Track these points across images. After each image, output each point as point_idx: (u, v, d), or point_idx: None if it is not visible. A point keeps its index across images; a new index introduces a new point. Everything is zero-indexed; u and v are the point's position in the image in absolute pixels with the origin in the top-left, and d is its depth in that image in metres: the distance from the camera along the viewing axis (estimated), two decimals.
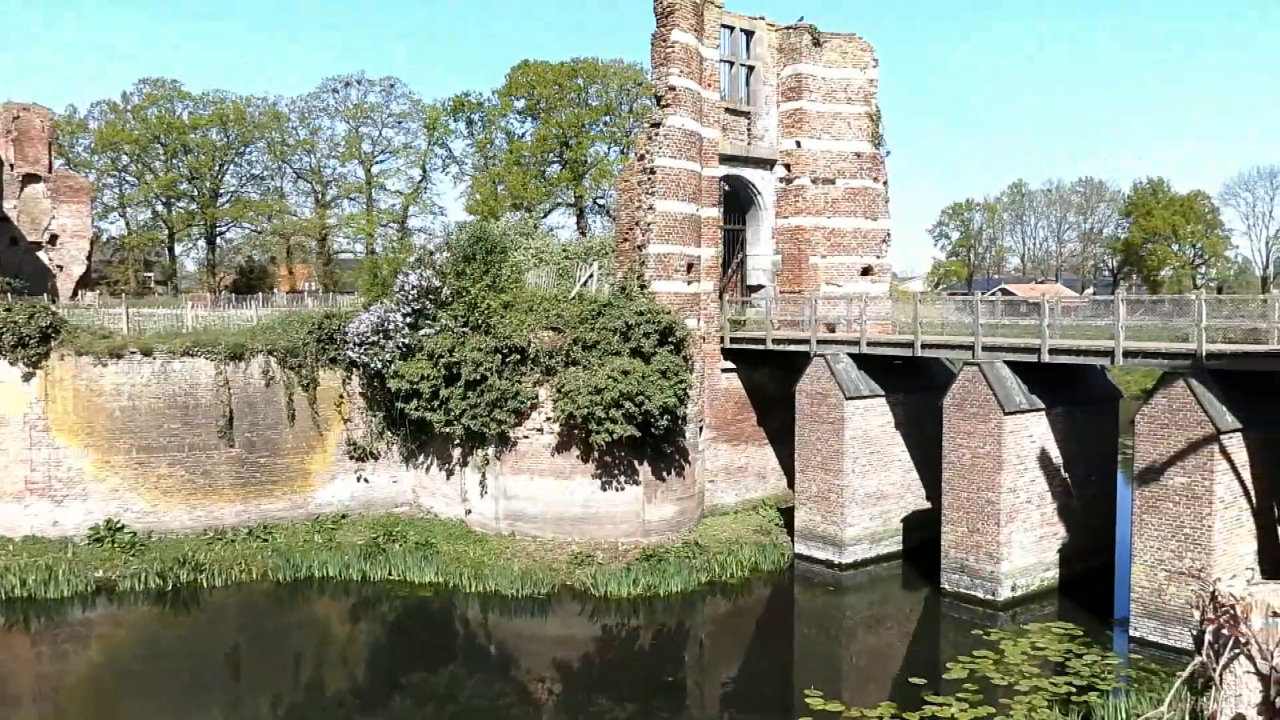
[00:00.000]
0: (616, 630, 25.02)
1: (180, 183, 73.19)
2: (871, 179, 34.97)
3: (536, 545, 28.71)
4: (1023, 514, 25.85)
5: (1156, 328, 24.78)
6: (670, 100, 29.48)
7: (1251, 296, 32.78)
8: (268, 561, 28.40)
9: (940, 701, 19.40)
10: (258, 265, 77.61)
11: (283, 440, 30.63)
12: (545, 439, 28.92)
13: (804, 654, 24.53)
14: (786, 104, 34.14)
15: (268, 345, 30.44)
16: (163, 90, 72.36)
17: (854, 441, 28.86)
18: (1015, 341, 26.23)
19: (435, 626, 25.30)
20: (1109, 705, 18.44)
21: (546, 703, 21.06)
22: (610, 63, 70.69)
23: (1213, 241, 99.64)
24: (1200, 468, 21.54)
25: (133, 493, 29.07)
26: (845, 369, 29.01)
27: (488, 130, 75.18)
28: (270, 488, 30.41)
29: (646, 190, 29.41)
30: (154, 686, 21.50)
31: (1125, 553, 24.54)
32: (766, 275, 34.65)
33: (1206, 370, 21.94)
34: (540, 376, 28.72)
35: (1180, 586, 21.86)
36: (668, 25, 29.50)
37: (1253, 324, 23.27)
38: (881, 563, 29.55)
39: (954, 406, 26.28)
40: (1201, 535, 21.57)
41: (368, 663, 23.47)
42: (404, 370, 28.99)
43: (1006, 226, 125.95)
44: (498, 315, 28.85)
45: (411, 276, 29.24)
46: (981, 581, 25.76)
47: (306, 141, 75.97)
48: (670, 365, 27.75)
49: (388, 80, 75.95)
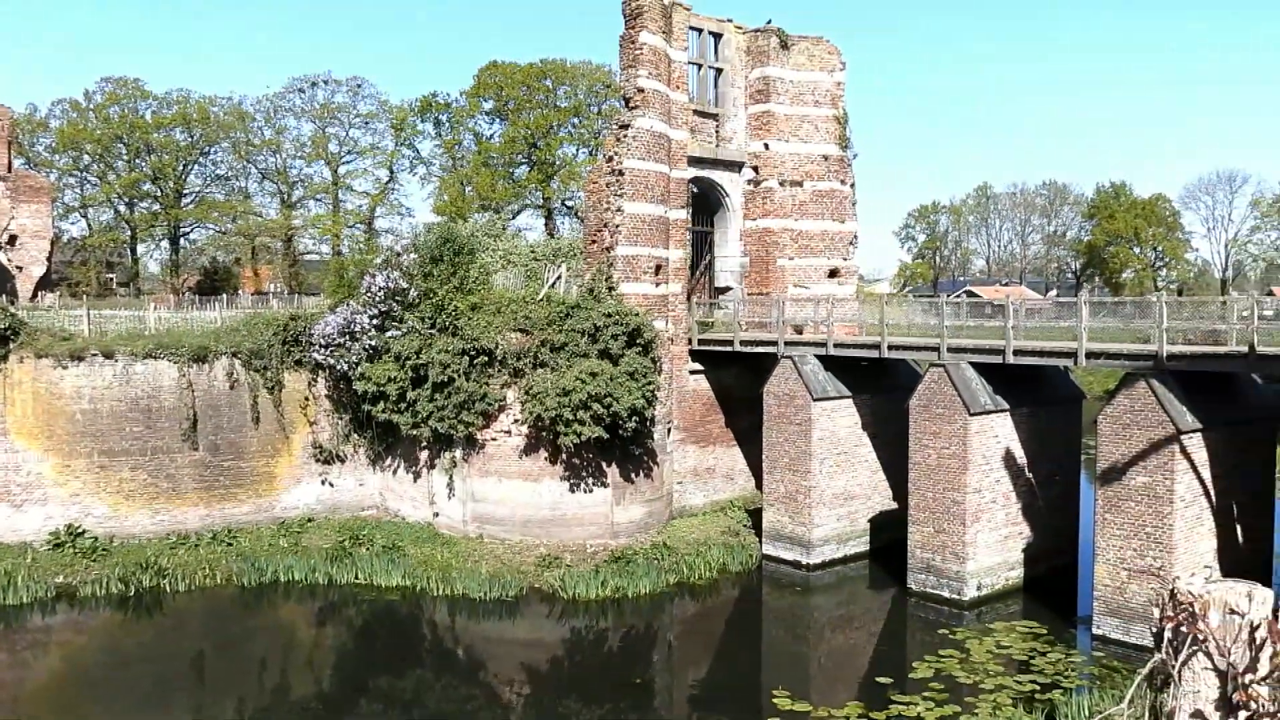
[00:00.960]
0: (585, 632, 24.98)
1: (143, 183, 72.26)
2: (839, 181, 35.17)
3: (504, 548, 28.62)
4: (988, 514, 26.08)
5: (1118, 329, 25.12)
6: (639, 102, 29.50)
7: (1211, 298, 33.27)
8: (232, 566, 28.11)
9: (906, 701, 19.53)
10: (222, 266, 76.65)
11: (247, 443, 30.34)
12: (513, 441, 28.83)
13: (772, 654, 24.60)
14: (754, 106, 34.27)
15: (232, 347, 30.14)
16: (125, 89, 71.41)
17: (821, 442, 28.99)
18: (980, 343, 26.47)
19: (402, 630, 25.14)
20: (1072, 703, 18.66)
21: (514, 705, 20.99)
22: (579, 64, 70.60)
23: (1173, 244, 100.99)
24: (1161, 467, 21.84)
25: (94, 497, 28.67)
26: (813, 370, 29.14)
27: (455, 131, 74.83)
28: (235, 491, 30.11)
29: (615, 192, 29.42)
30: (116, 693, 21.20)
31: (1088, 551, 24.83)
32: (734, 277, 34.75)
33: (1167, 371, 22.24)
34: (508, 378, 28.64)
35: (1142, 584, 22.15)
36: (636, 27, 29.52)
37: (1212, 325, 23.64)
38: (849, 563, 29.71)
39: (920, 407, 26.47)
40: (1162, 534, 21.87)
41: (334, 667, 23.28)
42: (371, 372, 28.82)
43: (972, 229, 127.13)
44: (465, 317, 28.73)
45: (378, 278, 29.07)
46: (947, 581, 25.96)
47: (272, 141, 75.26)
48: (638, 367, 27.76)
49: (354, 80, 75.39)
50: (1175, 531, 21.74)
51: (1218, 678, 3.39)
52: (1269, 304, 27.64)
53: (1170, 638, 3.45)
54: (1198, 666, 3.38)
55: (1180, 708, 3.50)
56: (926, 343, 27.71)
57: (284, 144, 75.83)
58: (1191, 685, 3.44)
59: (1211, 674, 3.39)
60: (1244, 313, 22.31)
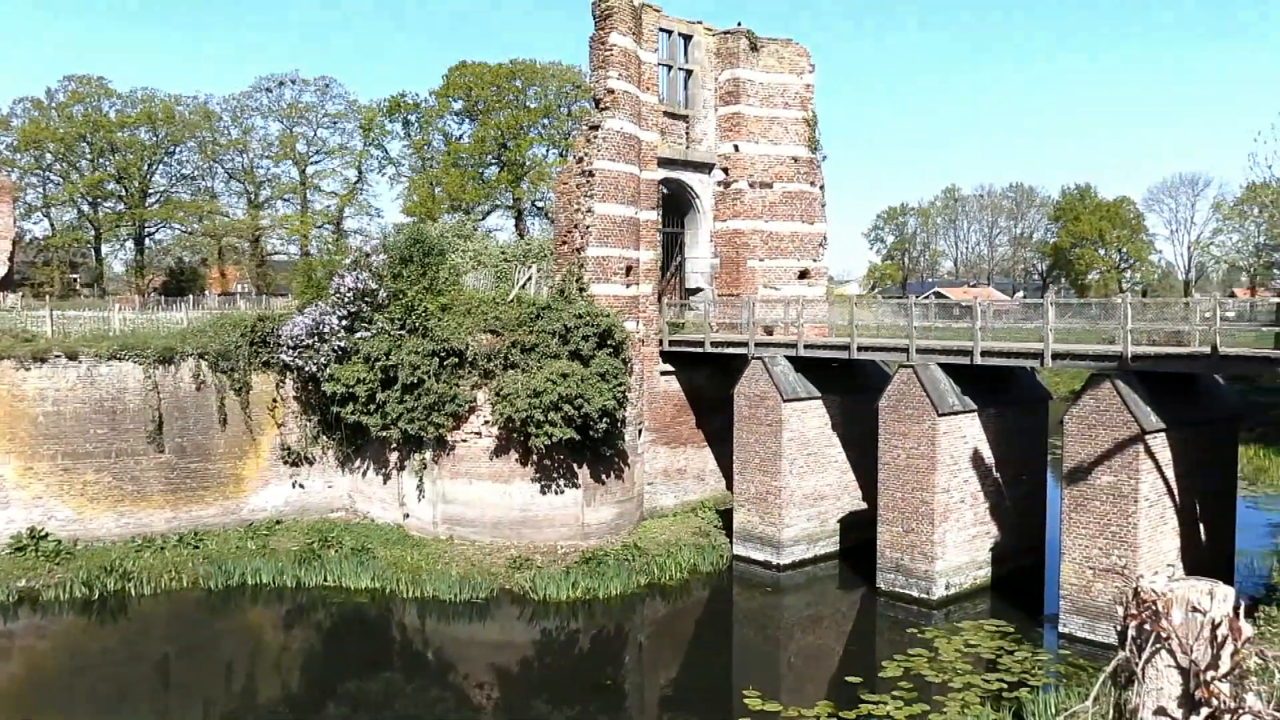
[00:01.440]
0: (555, 633, 24.95)
1: (107, 182, 71.31)
2: (808, 183, 35.33)
3: (475, 549, 28.53)
4: (956, 513, 26.29)
5: (1084, 330, 25.43)
6: (609, 103, 29.50)
7: (1174, 300, 33.72)
8: (199, 569, 27.84)
9: (876, 700, 19.65)
10: (188, 267, 75.83)
11: (214, 445, 30.06)
12: (484, 442, 28.75)
13: (742, 655, 24.67)
14: (724, 108, 34.36)
15: (199, 348, 29.85)
16: (89, 87, 70.46)
17: (792, 443, 29.11)
18: (948, 344, 26.68)
19: (372, 632, 25.00)
20: (1039, 700, 18.84)
21: (485, 707, 20.93)
22: (549, 64, 70.46)
23: (1137, 246, 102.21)
24: (1126, 467, 22.09)
25: (57, 500, 28.28)
26: (783, 371, 29.25)
27: (425, 131, 74.43)
28: (201, 494, 29.82)
29: (585, 193, 29.40)
30: (79, 699, 20.93)
31: (1055, 551, 25.08)
32: (705, 278, 34.82)
33: (1132, 372, 22.51)
34: (478, 379, 28.55)
35: (1107, 583, 22.39)
36: (606, 28, 29.52)
37: (1175, 327, 23.96)
38: (819, 563, 29.85)
39: (889, 408, 26.64)
40: (1127, 533, 22.12)
41: (302, 670, 23.12)
42: (340, 373, 28.64)
43: (940, 231, 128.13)
44: (435, 318, 28.62)
45: (347, 279, 28.89)
46: (916, 580, 26.14)
47: (239, 141, 74.52)
48: (609, 368, 27.76)
49: (323, 80, 74.79)
50: (1140, 530, 22.00)
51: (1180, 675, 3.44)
52: (1231, 305, 28.05)
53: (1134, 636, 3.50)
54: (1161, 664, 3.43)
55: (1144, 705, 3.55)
56: (895, 344, 27.89)
57: (251, 144, 75.12)
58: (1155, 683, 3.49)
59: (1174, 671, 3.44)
60: (1206, 314, 22.63)
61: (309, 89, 74.48)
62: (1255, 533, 30.81)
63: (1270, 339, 23.21)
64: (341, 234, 73.69)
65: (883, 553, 26.96)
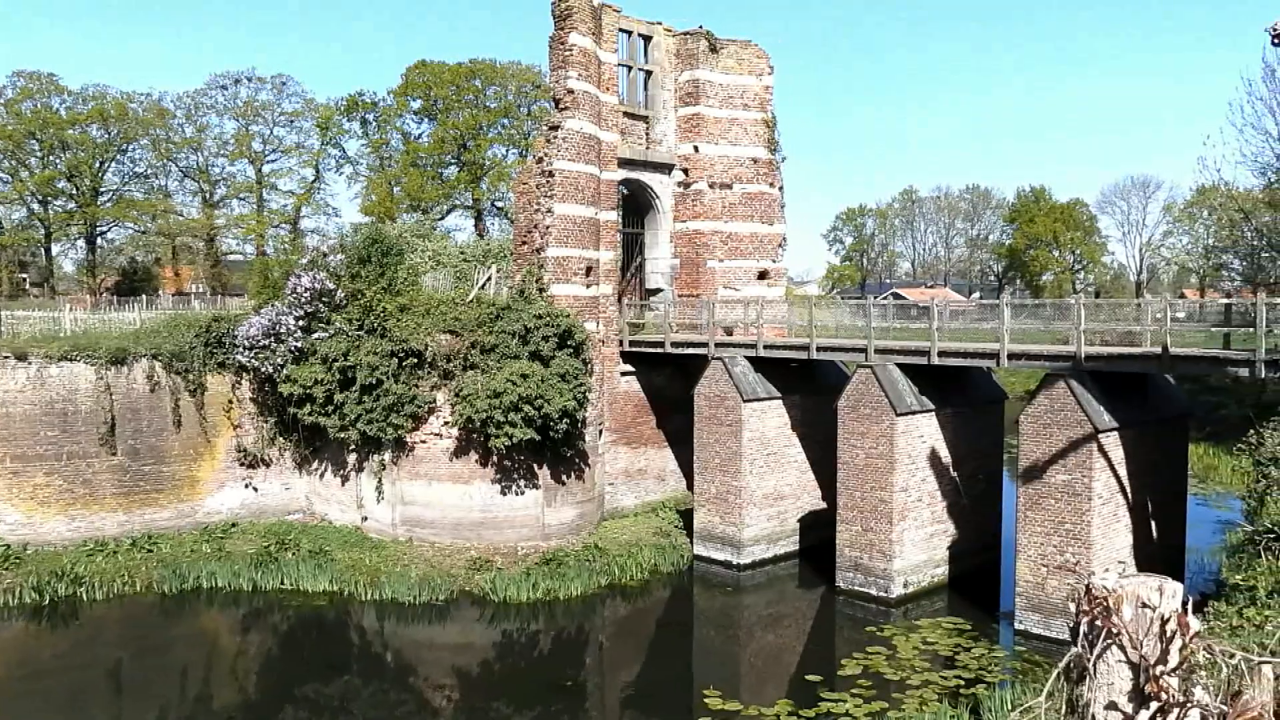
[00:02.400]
0: (516, 635, 24.87)
1: (58, 180, 70.06)
2: (767, 184, 35.50)
3: (434, 551, 28.36)
4: (914, 512, 26.53)
5: (1039, 331, 25.75)
6: (569, 103, 29.46)
7: (1126, 301, 34.24)
8: (152, 573, 27.42)
9: (835, 698, 19.78)
10: (141, 267, 74.74)
11: (168, 447, 29.63)
12: (443, 443, 28.59)
13: (703, 654, 24.74)
14: (684, 109, 34.44)
15: (152, 349, 29.40)
16: (38, 84, 69.19)
17: (752, 443, 29.23)
18: (906, 344, 26.93)
19: (330, 636, 24.78)
20: (995, 697, 19.06)
21: (444, 710, 20.82)
22: (508, 64, 70.28)
23: (1090, 248, 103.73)
24: (1080, 465, 22.42)
25: (6, 504, 27.72)
26: (743, 372, 29.37)
27: (383, 131, 73.96)
28: (155, 496, 29.38)
29: (545, 193, 29.34)
30: (29, 706, 20.52)
31: (1010, 548, 25.39)
32: (665, 278, 34.88)
33: (1085, 372, 22.85)
34: (438, 380, 28.40)
35: (1061, 580, 22.71)
36: (565, 28, 29.48)
37: (1127, 327, 24.35)
38: (779, 563, 30.00)
39: (848, 408, 26.83)
40: (1081, 530, 22.45)
41: (259, 675, 22.85)
42: (297, 374, 28.36)
43: (898, 232, 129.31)
44: (394, 318, 28.43)
45: (304, 279, 28.61)
46: (875, 579, 26.35)
47: (193, 139, 73.55)
48: (569, 368, 27.72)
49: (279, 78, 74.09)
50: (1093, 528, 22.34)
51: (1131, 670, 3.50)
52: (1181, 306, 28.55)
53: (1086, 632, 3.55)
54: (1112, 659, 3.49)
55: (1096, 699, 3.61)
56: (854, 344, 28.11)
57: (206, 142, 74.21)
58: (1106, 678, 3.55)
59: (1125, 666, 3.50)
60: (1157, 315, 23.03)
61: (265, 87, 73.74)
62: (1205, 529, 31.39)
63: (1219, 339, 23.64)
64: (298, 233, 72.99)
65: (842, 552, 27.15)
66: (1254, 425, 25.78)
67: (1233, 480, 36.72)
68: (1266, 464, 25.00)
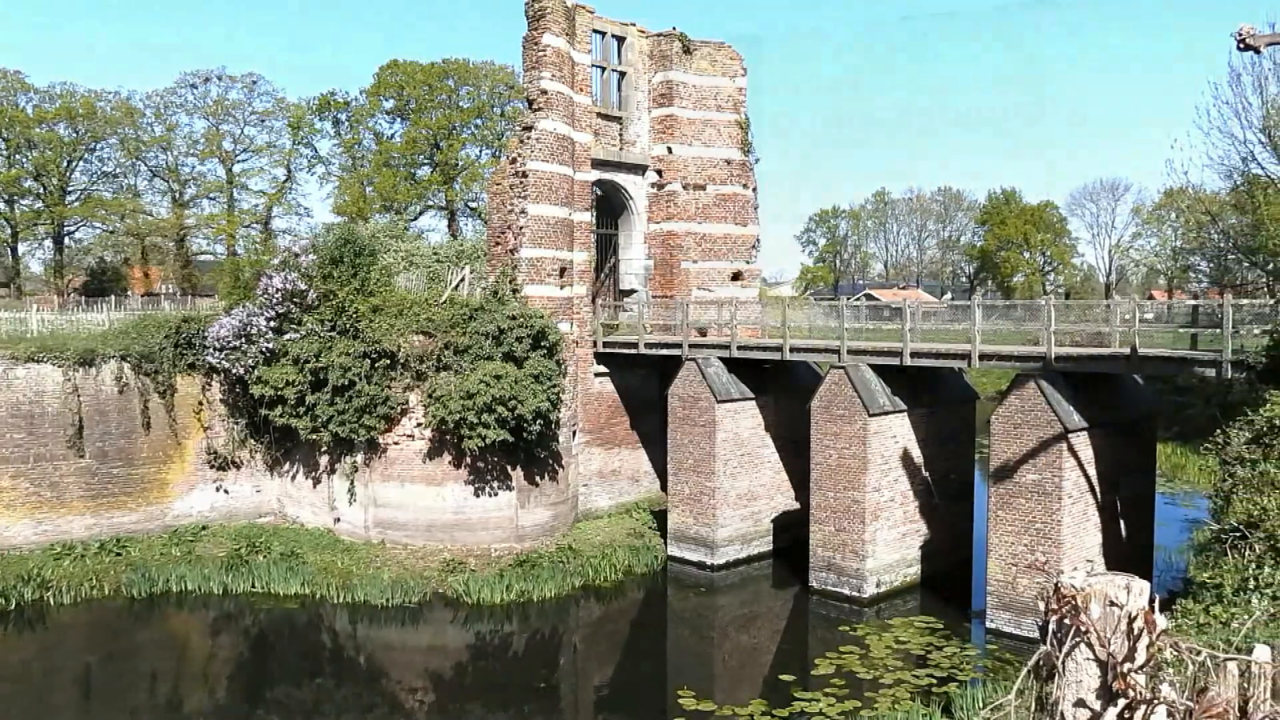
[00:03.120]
0: (490, 637, 24.80)
1: (24, 179, 69.16)
2: (741, 185, 35.58)
3: (407, 553, 28.22)
4: (887, 512, 26.67)
5: (1010, 332, 25.97)
6: (542, 104, 29.42)
7: (1096, 302, 34.59)
8: (121, 576, 27.13)
9: (809, 697, 19.86)
10: (110, 267, 73.91)
11: (137, 450, 29.31)
12: (416, 445, 28.46)
13: (677, 655, 24.76)
14: (658, 110, 34.46)
15: (121, 350, 29.08)
16: (4, 81, 68.27)
17: (725, 444, 29.28)
18: (879, 345, 27.07)
19: (301, 639, 24.61)
20: (967, 695, 19.20)
21: (417, 713, 20.72)
22: (481, 64, 70.04)
23: (1060, 249, 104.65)
24: (1050, 465, 22.62)
25: None
26: (716, 372, 29.42)
27: (355, 130, 73.50)
28: (124, 499, 29.05)
29: (519, 194, 29.29)
30: None
31: (982, 548, 25.56)
32: (639, 279, 34.89)
33: (1056, 372, 23.06)
34: (411, 381, 28.26)
35: (1032, 579, 22.90)
36: (539, 29, 29.44)
37: (1097, 328, 24.61)
38: (752, 563, 30.07)
39: (821, 409, 26.94)
40: (1051, 529, 22.65)
41: (229, 679, 22.66)
42: (268, 376, 28.14)
43: (870, 233, 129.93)
44: (366, 319, 28.27)
45: (276, 279, 28.40)
46: (848, 579, 26.47)
47: (162, 138, 72.79)
48: (543, 369, 27.67)
49: (250, 76, 73.38)
50: (1063, 527, 22.54)
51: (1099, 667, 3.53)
52: (1149, 308, 28.91)
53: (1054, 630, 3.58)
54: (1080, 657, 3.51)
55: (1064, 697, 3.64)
56: (827, 345, 28.22)
57: (175, 141, 73.44)
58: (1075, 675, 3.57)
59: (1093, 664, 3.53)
60: (1126, 316, 23.27)
61: (235, 85, 73.07)
62: (1173, 528, 31.74)
63: (1186, 340, 23.93)
64: (270, 234, 72.40)
65: (815, 552, 27.25)
66: (1220, 425, 26.06)
67: (1200, 479, 37.14)
68: (1232, 463, 25.22)
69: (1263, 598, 13.20)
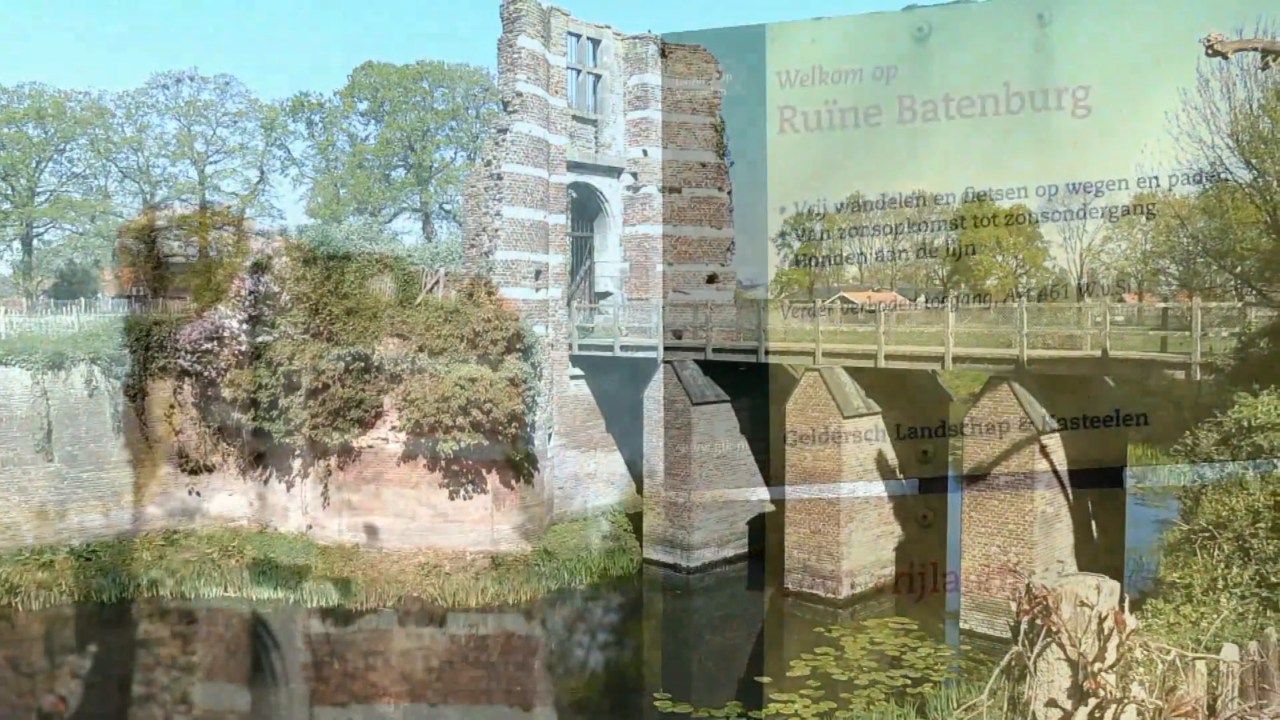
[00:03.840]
0: (465, 640, 24.72)
1: None
2: (716, 188, 35.62)
3: (382, 556, 28.06)
4: (861, 514, 26.77)
5: (983, 334, 26.14)
6: (517, 106, 29.37)
7: (1068, 305, 34.85)
8: (91, 581, 26.81)
9: (785, 698, 19.90)
10: (80, 269, 73.19)
11: (108, 454, 28.99)
12: (391, 448, 28.31)
13: (653, 657, 24.78)
14: (633, 113, 34.46)
15: (91, 353, 28.78)
16: None
17: (701, 446, 29.30)
18: (854, 348, 27.18)
19: (274, 644, 24.43)
20: (941, 695, 19.29)
21: (392, 716, 20.61)
22: (456, 66, 69.80)
23: (1032, 253, 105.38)
24: (1023, 467, 22.77)
25: None
26: (692, 375, 29.45)
27: (329, 132, 73.03)
28: (94, 504, 28.71)
29: (494, 196, 29.22)
30: None
31: (956, 549, 25.71)
32: (615, 282, 34.86)
33: (1028, 374, 23.21)
34: (385, 384, 28.10)
35: (1005, 580, 23.04)
36: (514, 31, 29.40)
37: (1069, 331, 24.79)
38: (728, 565, 30.10)
39: (796, 411, 27.00)
40: (1024, 531, 22.81)
41: (201, 684, 22.45)
42: (240, 379, 27.94)
43: (845, 237, 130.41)
44: (340, 322, 28.11)
45: (248, 281, 28.20)
46: (823, 580, 26.54)
47: (133, 139, 72.11)
48: (518, 372, 27.61)
49: (222, 77, 72.80)
50: (1035, 528, 22.70)
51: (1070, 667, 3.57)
52: (1120, 310, 29.17)
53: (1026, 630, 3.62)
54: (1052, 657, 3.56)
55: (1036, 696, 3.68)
56: (802, 347, 28.29)
57: (147, 142, 72.75)
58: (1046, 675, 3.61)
59: (1064, 664, 3.57)
60: (1097, 319, 23.45)
61: (208, 86, 72.39)
62: (1144, 529, 31.98)
63: (1156, 342, 24.14)
64: (242, 235, 71.81)
65: (790, 553, 27.30)
66: (1189, 427, 26.34)
67: (1170, 480, 37.46)
68: (1201, 464, 25.56)
69: (1231, 597, 13.36)
